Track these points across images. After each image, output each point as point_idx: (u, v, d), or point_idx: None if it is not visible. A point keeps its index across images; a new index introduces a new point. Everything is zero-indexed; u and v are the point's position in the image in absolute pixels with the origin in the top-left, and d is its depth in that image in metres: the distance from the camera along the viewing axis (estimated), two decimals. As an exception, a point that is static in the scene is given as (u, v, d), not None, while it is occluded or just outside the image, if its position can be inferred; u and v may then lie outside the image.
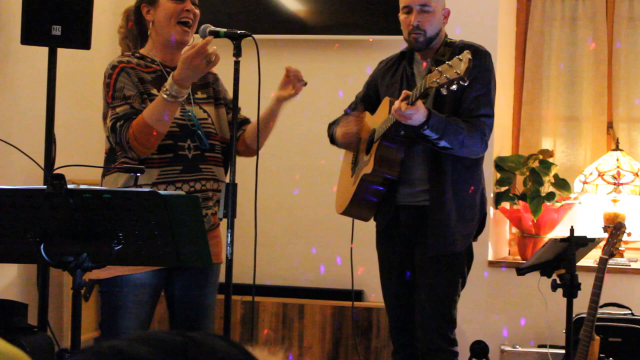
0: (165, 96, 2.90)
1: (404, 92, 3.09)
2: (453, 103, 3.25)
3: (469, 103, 3.24)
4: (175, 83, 2.90)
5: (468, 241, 3.35)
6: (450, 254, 3.29)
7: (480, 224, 3.39)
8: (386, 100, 3.33)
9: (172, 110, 2.94)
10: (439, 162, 3.26)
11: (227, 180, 3.04)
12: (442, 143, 3.16)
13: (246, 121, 3.30)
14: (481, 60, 3.26)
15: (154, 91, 3.05)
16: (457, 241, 3.29)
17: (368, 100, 3.54)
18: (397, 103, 3.06)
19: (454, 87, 2.91)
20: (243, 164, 3.21)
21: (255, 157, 3.08)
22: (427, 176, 3.28)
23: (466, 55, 2.90)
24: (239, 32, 3.00)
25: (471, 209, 3.32)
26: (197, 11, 3.13)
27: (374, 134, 3.34)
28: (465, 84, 2.93)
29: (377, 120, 3.37)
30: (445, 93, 2.97)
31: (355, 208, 3.44)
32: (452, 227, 3.26)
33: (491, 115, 3.31)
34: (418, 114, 3.05)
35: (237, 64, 3.00)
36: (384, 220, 3.42)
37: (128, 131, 2.94)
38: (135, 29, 3.17)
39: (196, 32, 3.12)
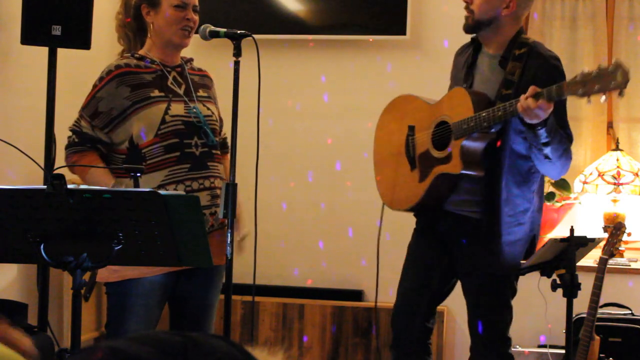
0: (111, 184, 2.97)
1: (533, 88, 2.79)
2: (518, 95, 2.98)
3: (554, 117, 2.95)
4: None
5: (517, 261, 3.17)
6: (499, 274, 3.15)
7: (531, 245, 3.20)
8: (461, 92, 3.07)
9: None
10: (493, 178, 3.06)
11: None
12: (547, 150, 2.92)
13: (225, 146, 3.29)
14: (555, 70, 3.05)
15: (155, 92, 3.06)
16: (504, 262, 3.12)
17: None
18: (525, 100, 2.78)
19: (604, 97, 2.67)
20: (243, 163, 3.21)
21: (255, 157, 3.09)
22: (479, 190, 3.09)
23: (622, 65, 2.64)
24: (239, 32, 3.01)
25: (521, 229, 3.14)
26: (197, 17, 3.14)
27: (449, 128, 3.07)
28: (620, 95, 2.67)
29: (447, 111, 3.11)
30: (589, 101, 2.71)
31: (425, 206, 3.22)
32: (501, 249, 3.09)
33: (572, 135, 3.08)
34: (547, 112, 2.79)
35: (237, 64, 3.00)
36: (425, 221, 3.29)
37: (73, 155, 3.07)
38: (135, 25, 3.18)
39: (196, 33, 3.13)
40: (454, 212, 3.17)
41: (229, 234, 2.92)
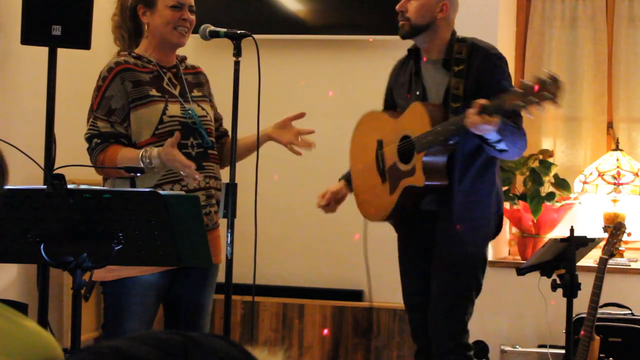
0: (142, 161, 2.93)
1: (479, 103, 2.89)
2: (469, 101, 3.08)
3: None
4: (156, 159, 2.92)
5: (481, 245, 3.27)
6: (462, 260, 3.22)
7: (497, 225, 3.30)
8: (418, 107, 3.19)
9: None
10: (448, 171, 3.16)
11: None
12: (501, 145, 3.03)
13: (225, 134, 3.30)
14: (498, 60, 3.18)
15: (153, 92, 3.06)
16: (467, 247, 3.21)
17: (391, 108, 3.43)
18: (473, 116, 2.87)
19: (541, 110, 2.77)
20: (243, 163, 3.21)
21: (255, 157, 3.09)
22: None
23: (558, 78, 2.74)
24: (239, 32, 3.01)
25: (484, 213, 3.23)
26: (193, 17, 3.14)
27: (412, 144, 3.18)
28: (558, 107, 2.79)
29: (407, 125, 3.22)
30: (530, 116, 2.85)
31: (396, 216, 3.34)
32: (462, 234, 3.17)
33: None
34: (495, 124, 2.89)
35: (237, 64, 3.00)
36: (403, 230, 3.38)
37: (99, 156, 3.02)
38: (131, 25, 3.18)
39: (196, 33, 3.13)
40: (424, 209, 3.26)
41: (228, 234, 2.92)
